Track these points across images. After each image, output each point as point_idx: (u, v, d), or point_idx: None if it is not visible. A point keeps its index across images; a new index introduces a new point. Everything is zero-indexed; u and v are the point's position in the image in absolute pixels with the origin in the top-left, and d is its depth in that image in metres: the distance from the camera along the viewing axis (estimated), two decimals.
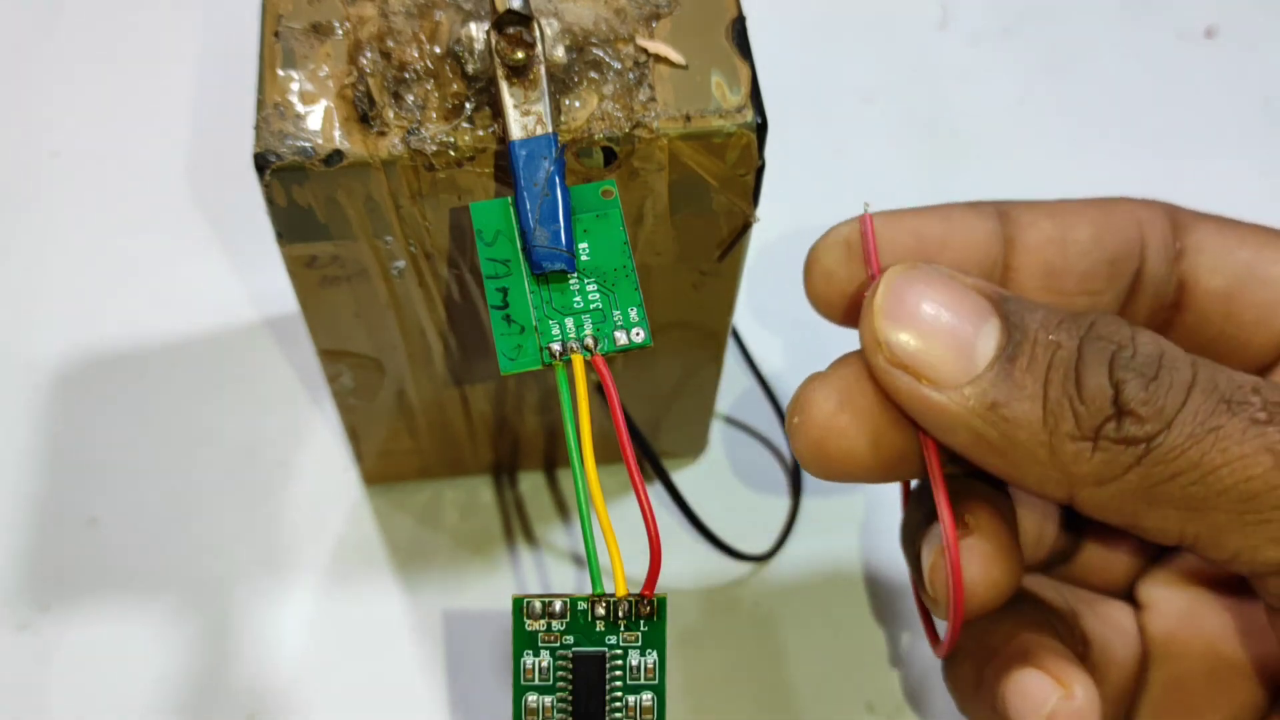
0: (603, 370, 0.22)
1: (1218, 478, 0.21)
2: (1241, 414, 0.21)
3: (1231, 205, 0.39)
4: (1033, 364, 0.22)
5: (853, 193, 0.39)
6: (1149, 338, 0.22)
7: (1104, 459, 0.21)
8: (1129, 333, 0.22)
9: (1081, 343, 0.22)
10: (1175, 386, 0.21)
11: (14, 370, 0.35)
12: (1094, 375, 0.21)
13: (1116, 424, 0.21)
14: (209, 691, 0.31)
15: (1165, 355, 0.22)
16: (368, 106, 0.22)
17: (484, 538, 0.33)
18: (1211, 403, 0.21)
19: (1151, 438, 0.21)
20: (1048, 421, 0.21)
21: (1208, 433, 0.21)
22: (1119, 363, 0.21)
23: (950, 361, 0.22)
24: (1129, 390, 0.21)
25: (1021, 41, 0.42)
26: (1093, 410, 0.21)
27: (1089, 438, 0.21)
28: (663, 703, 0.22)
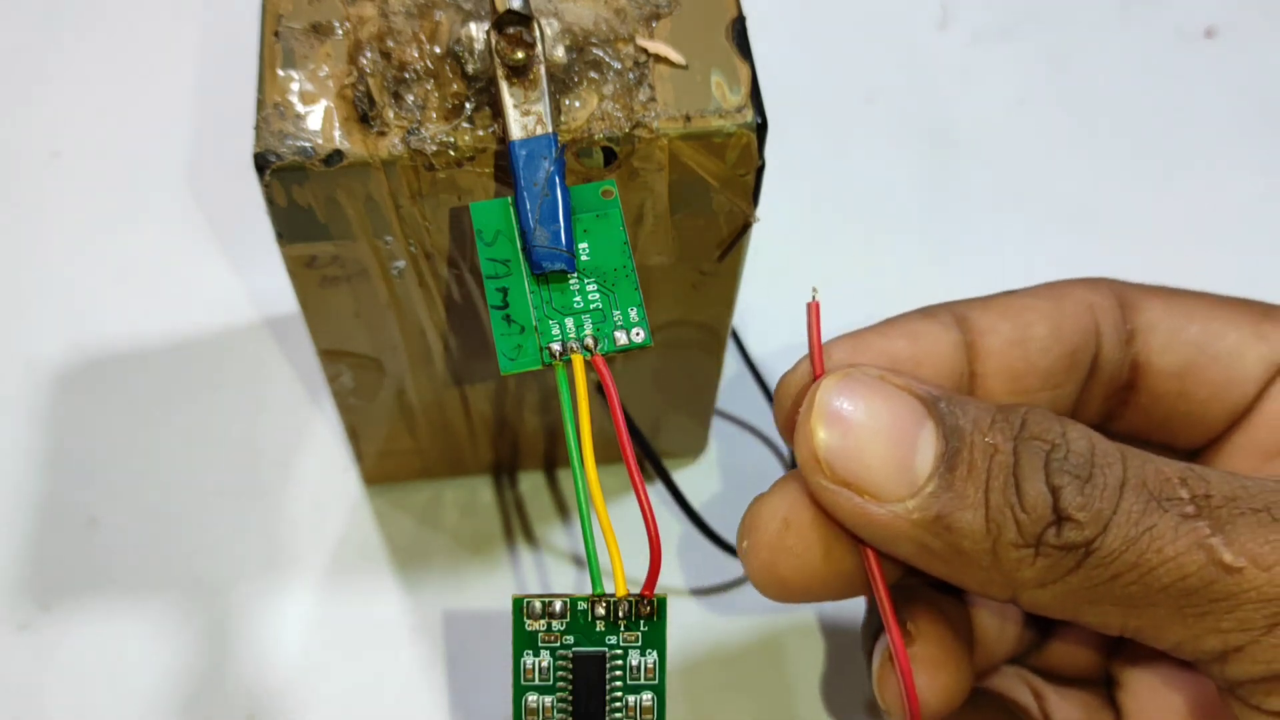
0: (603, 370, 0.22)
1: (1155, 577, 0.21)
2: (1172, 510, 0.21)
3: (1232, 205, 0.39)
4: (972, 471, 0.22)
5: (853, 193, 0.39)
6: (1078, 433, 0.22)
7: (1046, 565, 0.21)
8: (1059, 429, 0.22)
9: (1016, 445, 0.22)
10: (1109, 487, 0.21)
11: (14, 370, 0.35)
12: (1032, 481, 0.21)
13: (1056, 530, 0.21)
14: (209, 691, 0.31)
15: (1096, 451, 0.22)
16: (368, 106, 0.22)
17: (484, 538, 0.33)
18: (1143, 501, 0.21)
19: (1090, 542, 0.21)
20: (990, 530, 0.21)
21: (1142, 533, 0.21)
22: (1054, 466, 0.22)
23: (890, 476, 0.22)
24: (1066, 496, 0.21)
25: (1021, 41, 0.42)
26: (1034, 518, 0.21)
27: (1031, 545, 0.21)
28: (663, 703, 0.22)
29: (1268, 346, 0.25)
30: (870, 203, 0.39)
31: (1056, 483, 0.21)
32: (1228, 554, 0.21)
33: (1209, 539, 0.21)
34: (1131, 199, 0.39)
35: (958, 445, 0.22)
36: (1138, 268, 0.37)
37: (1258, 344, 0.25)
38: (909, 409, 0.22)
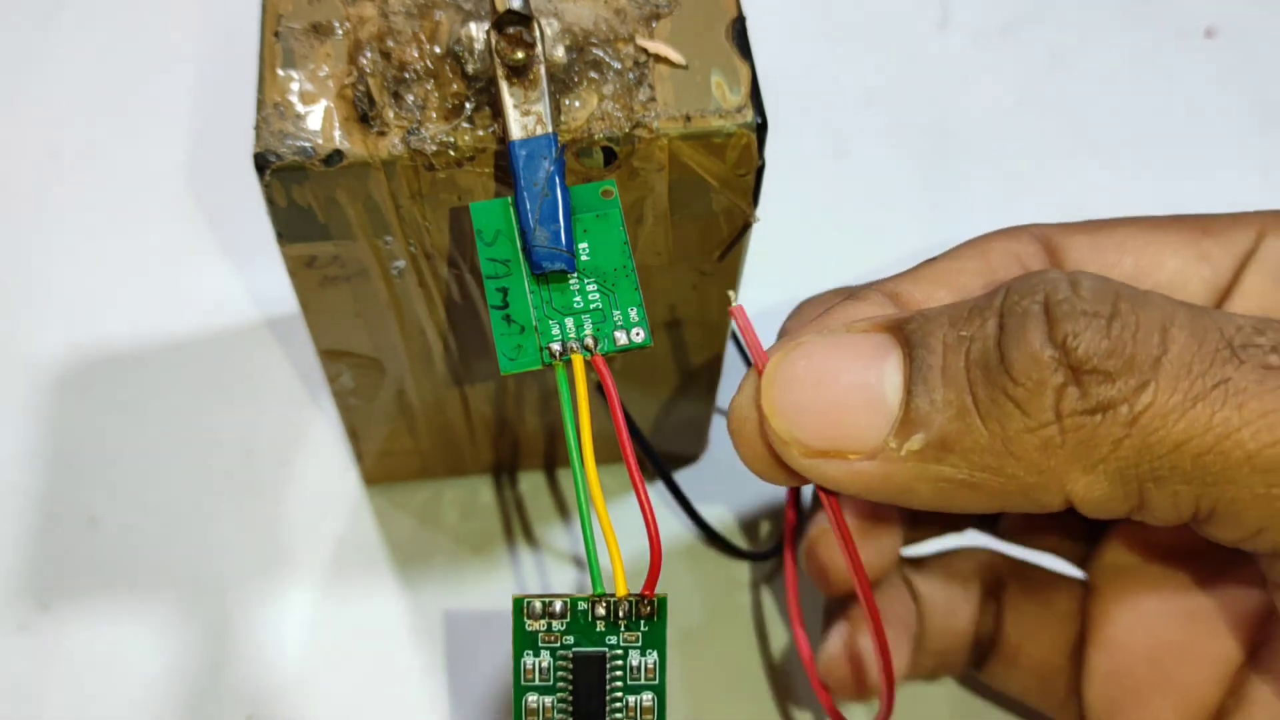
0: (603, 370, 0.22)
1: (1237, 443, 0.17)
2: (1251, 360, 0.17)
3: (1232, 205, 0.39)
4: (947, 374, 0.18)
5: (853, 193, 0.39)
6: (1094, 275, 0.18)
7: (1080, 439, 0.18)
8: (1064, 276, 0.18)
9: (1001, 317, 0.18)
10: (1144, 327, 0.17)
11: (14, 370, 0.35)
12: (1020, 344, 0.18)
13: (1080, 391, 0.17)
14: (209, 692, 0.31)
15: (1122, 290, 0.18)
16: (368, 106, 0.22)
17: (484, 538, 0.33)
18: (1208, 348, 0.17)
19: (1134, 396, 0.17)
20: (990, 427, 0.18)
21: (1213, 387, 0.17)
22: (1058, 313, 0.18)
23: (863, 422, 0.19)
24: (1084, 343, 0.17)
25: (1021, 41, 0.42)
26: (1033, 386, 0.18)
27: (1050, 421, 0.18)
28: (663, 703, 0.22)
29: (1210, 268, 0.23)
30: (870, 203, 0.39)
31: (1067, 330, 0.17)
32: None
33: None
34: (1131, 199, 0.39)
35: (924, 354, 0.19)
36: None
37: (1199, 266, 0.22)
38: (866, 344, 0.19)
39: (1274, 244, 0.22)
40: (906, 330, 0.19)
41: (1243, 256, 0.22)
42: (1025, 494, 0.18)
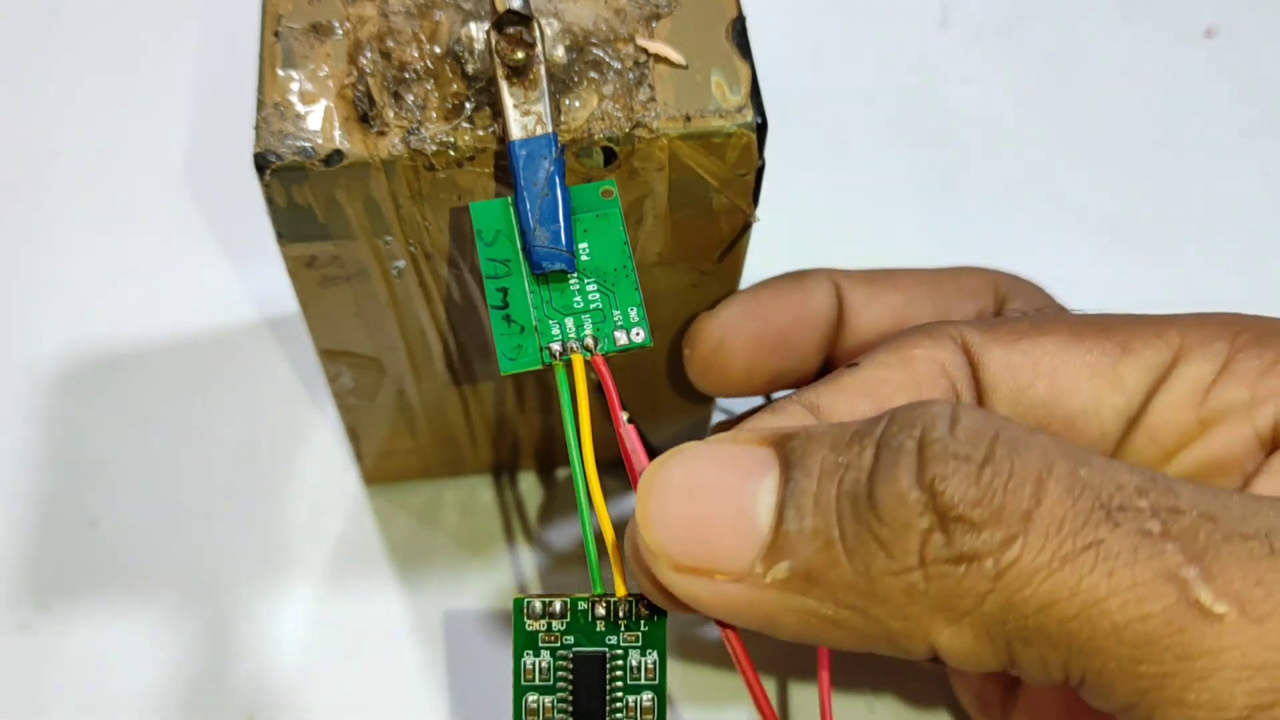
0: (603, 370, 0.22)
1: (1103, 612, 0.16)
2: (1128, 525, 0.16)
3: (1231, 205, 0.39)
4: (819, 502, 0.17)
5: (853, 193, 0.39)
6: (977, 415, 0.17)
7: (944, 589, 0.17)
8: (946, 411, 0.17)
9: (878, 449, 0.17)
10: (1017, 476, 0.16)
11: (14, 370, 0.35)
12: (888, 482, 0.17)
13: (945, 538, 0.16)
14: (209, 691, 0.31)
15: (1001, 434, 0.17)
16: (368, 106, 0.22)
17: (484, 538, 0.33)
18: (1084, 506, 0.16)
19: (1000, 550, 0.16)
20: (856, 565, 0.17)
21: (1083, 548, 0.16)
22: (930, 453, 0.17)
23: (733, 544, 0.18)
24: (951, 488, 0.16)
25: (1021, 41, 0.42)
26: (896, 527, 0.17)
27: (913, 566, 0.17)
28: (663, 703, 0.22)
29: (1124, 396, 0.22)
30: (870, 203, 0.39)
31: (935, 472, 0.16)
32: (1206, 593, 0.16)
33: (1181, 568, 0.16)
34: (1131, 199, 0.39)
35: (799, 476, 0.18)
36: (1138, 267, 0.37)
37: (1114, 394, 0.22)
38: (747, 459, 0.18)
39: (1188, 369, 0.21)
40: (787, 448, 0.18)
41: (1156, 380, 0.22)
42: (890, 639, 0.18)
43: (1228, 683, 0.15)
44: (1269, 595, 0.15)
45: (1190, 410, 0.21)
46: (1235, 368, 0.21)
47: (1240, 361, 0.21)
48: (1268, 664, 0.15)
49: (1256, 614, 0.15)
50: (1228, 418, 0.21)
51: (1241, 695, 0.15)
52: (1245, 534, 0.16)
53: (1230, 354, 0.21)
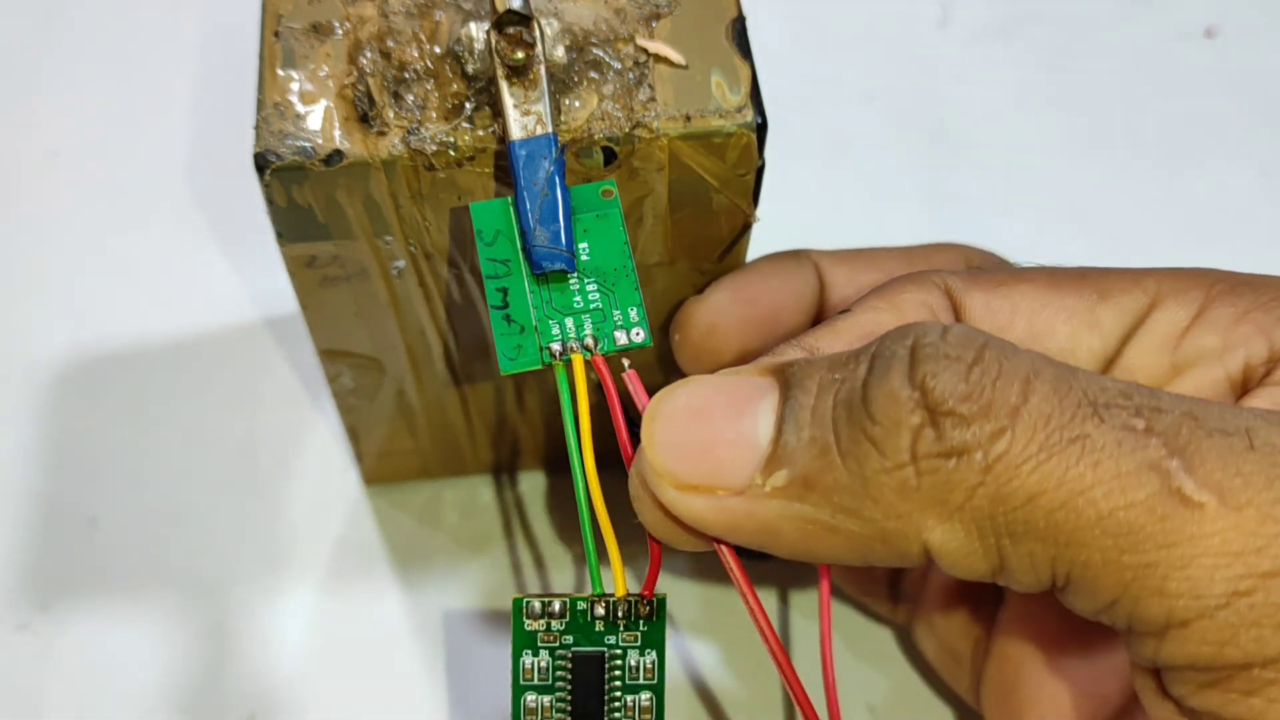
0: (603, 370, 0.22)
1: (1089, 501, 0.16)
2: (1111, 419, 0.17)
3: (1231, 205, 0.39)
4: (816, 413, 0.18)
5: (853, 193, 0.39)
6: (966, 327, 0.18)
7: (935, 483, 0.17)
8: (937, 325, 0.18)
9: (872, 360, 0.18)
10: (1006, 375, 0.17)
11: (14, 370, 0.35)
12: (883, 382, 0.18)
13: (936, 432, 0.17)
14: (209, 691, 0.31)
15: (991, 340, 0.18)
16: (368, 106, 0.22)
17: (484, 538, 0.33)
18: (1070, 404, 0.17)
19: (989, 443, 0.17)
20: (849, 466, 0.18)
21: (1070, 441, 0.17)
22: (922, 355, 0.17)
23: (733, 459, 0.19)
24: (941, 384, 0.17)
25: (1021, 41, 0.42)
26: (889, 424, 0.17)
27: (905, 462, 0.17)
28: (662, 703, 0.22)
29: (1100, 338, 0.22)
30: (870, 203, 0.39)
31: (925, 370, 0.17)
32: (1189, 482, 0.16)
33: (1164, 460, 0.16)
34: (1131, 199, 0.39)
35: (798, 393, 0.19)
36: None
37: (1091, 336, 0.22)
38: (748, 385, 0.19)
39: (1163, 314, 0.22)
40: (788, 373, 0.19)
41: (1132, 325, 0.22)
42: (885, 541, 0.18)
43: (1207, 569, 0.16)
44: (1247, 485, 0.16)
45: (1165, 354, 0.22)
46: (1209, 315, 0.22)
47: (1214, 309, 0.22)
48: (1246, 550, 0.16)
49: (1235, 503, 0.16)
50: (1200, 362, 0.21)
51: (1220, 582, 0.16)
52: (1226, 430, 0.16)
53: (1205, 302, 0.22)
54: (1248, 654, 0.16)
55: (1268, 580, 0.16)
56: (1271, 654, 0.16)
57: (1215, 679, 0.16)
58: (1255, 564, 0.16)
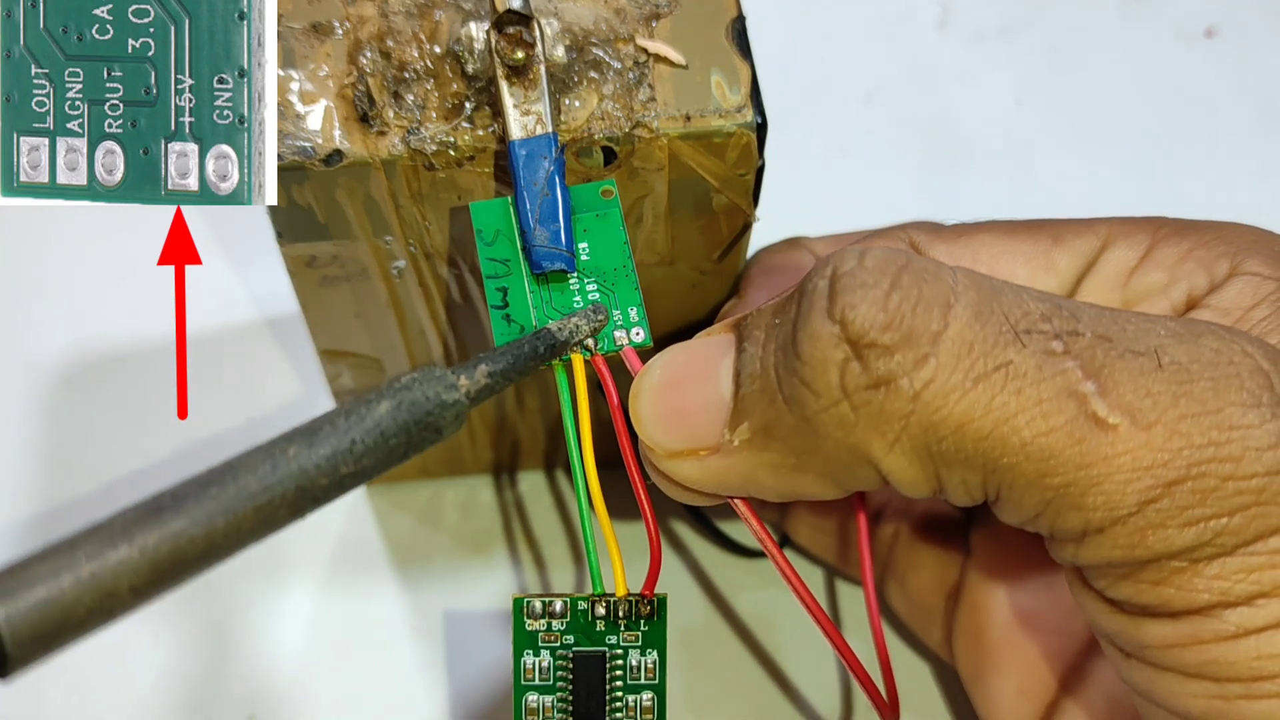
0: (603, 370, 0.22)
1: (1013, 428, 0.17)
2: (1034, 345, 0.17)
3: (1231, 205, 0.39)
4: (763, 362, 0.19)
5: (853, 193, 0.39)
6: (885, 250, 0.18)
7: (871, 414, 0.17)
8: (855, 251, 0.18)
9: (799, 297, 0.18)
10: (925, 300, 0.17)
11: (14, 370, 0.35)
12: (805, 324, 0.18)
13: (860, 365, 0.17)
14: (209, 691, 0.31)
15: (911, 264, 0.18)
16: (368, 106, 0.22)
17: (484, 538, 0.33)
18: (991, 329, 0.17)
19: (913, 370, 0.17)
20: (793, 410, 0.18)
21: (994, 369, 0.17)
22: (839, 286, 0.18)
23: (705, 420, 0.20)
24: (860, 315, 0.17)
25: (1021, 41, 0.42)
26: (816, 364, 0.18)
27: (838, 399, 0.18)
28: (663, 702, 0.22)
29: (1056, 279, 0.23)
30: (870, 202, 0.39)
31: (844, 303, 0.17)
32: (1102, 405, 0.17)
33: (1080, 384, 0.17)
34: (1131, 199, 0.39)
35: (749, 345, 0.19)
36: None
37: (1047, 277, 0.23)
38: (712, 346, 0.20)
39: (1113, 254, 0.23)
40: (741, 326, 0.20)
41: (1085, 266, 0.24)
42: (847, 472, 0.19)
43: (1120, 484, 0.17)
44: (1155, 405, 0.17)
45: (1115, 291, 0.23)
46: (1155, 255, 0.23)
47: (1160, 249, 0.23)
48: (1155, 464, 0.17)
49: (1145, 422, 0.17)
50: (1147, 297, 0.23)
51: (1132, 494, 0.17)
52: (1136, 351, 0.17)
53: (1152, 244, 0.23)
54: (1155, 551, 0.17)
55: (1173, 487, 0.17)
56: (1176, 548, 0.17)
57: (1129, 572, 0.18)
58: (1162, 475, 0.17)
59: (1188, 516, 0.17)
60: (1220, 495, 0.17)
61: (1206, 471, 0.17)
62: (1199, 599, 0.17)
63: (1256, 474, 0.17)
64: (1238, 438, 0.17)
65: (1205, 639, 0.18)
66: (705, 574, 0.33)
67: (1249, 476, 0.17)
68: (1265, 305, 0.21)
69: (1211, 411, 0.17)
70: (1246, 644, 0.17)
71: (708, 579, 0.33)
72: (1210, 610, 0.17)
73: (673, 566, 0.33)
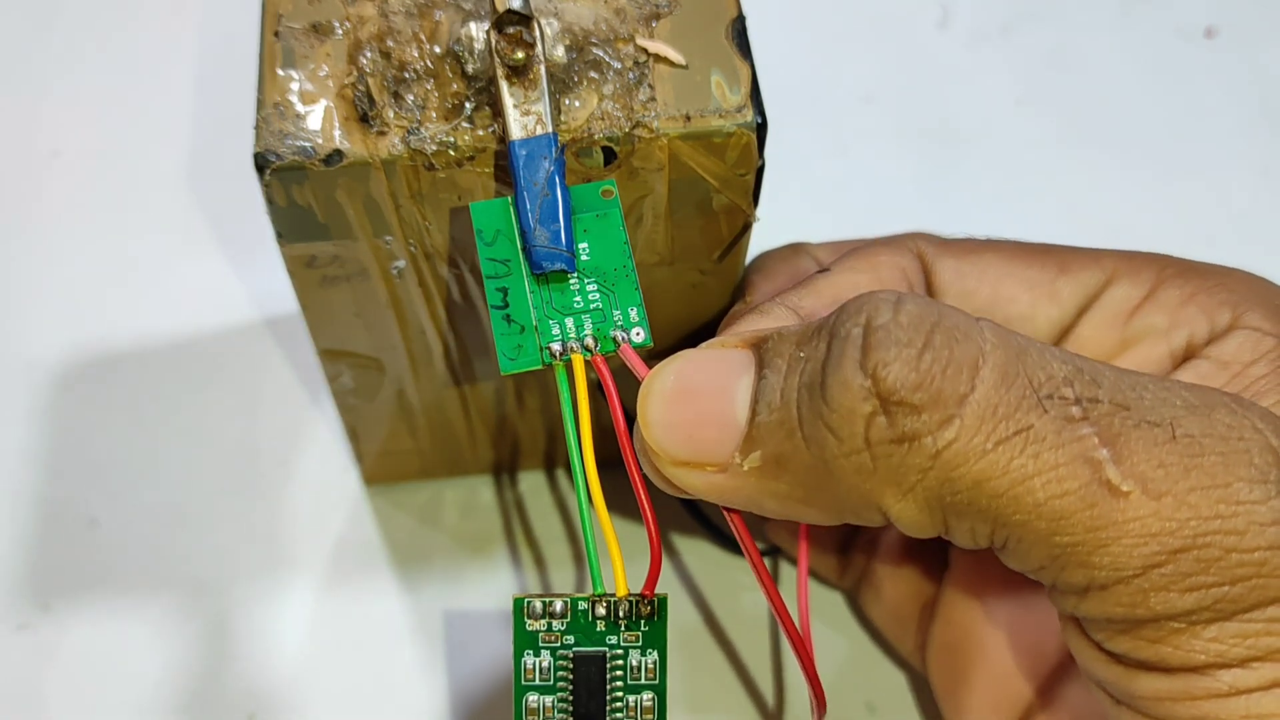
0: (603, 370, 0.22)
1: (1028, 489, 0.18)
2: (1055, 411, 0.18)
3: (1231, 205, 0.39)
4: (784, 395, 0.19)
5: (853, 193, 0.39)
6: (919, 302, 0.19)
7: (890, 467, 0.18)
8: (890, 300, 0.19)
9: (830, 339, 0.19)
10: (955, 362, 0.18)
11: (14, 370, 0.35)
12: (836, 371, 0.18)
13: (888, 420, 0.18)
14: (209, 691, 0.31)
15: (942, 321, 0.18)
16: (368, 106, 0.22)
17: (484, 538, 0.33)
18: (1016, 393, 0.18)
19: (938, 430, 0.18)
20: (812, 450, 0.19)
21: (1014, 433, 0.18)
22: (873, 340, 0.18)
23: (716, 439, 0.20)
24: (893, 374, 0.18)
25: (1021, 41, 0.42)
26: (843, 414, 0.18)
27: (860, 449, 0.18)
28: (663, 703, 0.22)
29: (1058, 309, 0.24)
30: (870, 203, 0.39)
31: (877, 359, 0.18)
32: (1115, 473, 0.18)
33: (1096, 451, 0.18)
34: (1131, 199, 0.39)
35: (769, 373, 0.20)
36: None
37: (1049, 306, 0.24)
38: (730, 361, 0.20)
39: (1117, 291, 0.24)
40: (762, 349, 0.20)
41: (1088, 299, 0.24)
42: (853, 513, 0.20)
43: (1127, 548, 0.18)
44: (1167, 476, 0.18)
45: (1115, 329, 0.24)
46: (1159, 295, 0.23)
47: (1164, 290, 0.23)
48: (1162, 532, 0.18)
49: (1156, 492, 0.18)
50: (1147, 338, 0.23)
51: (1138, 558, 0.18)
52: (1152, 421, 0.18)
53: (1156, 284, 0.24)
54: (1156, 612, 0.18)
55: (1178, 555, 0.18)
56: (1176, 611, 0.18)
57: (1128, 629, 0.18)
58: (1168, 543, 0.18)
59: (1190, 583, 0.18)
60: (1223, 565, 0.18)
61: (1211, 542, 0.18)
62: (1195, 659, 0.18)
63: (1259, 548, 0.18)
64: (1243, 512, 0.18)
65: (1198, 695, 0.18)
66: (705, 574, 0.33)
67: (1251, 550, 0.18)
68: (1264, 363, 0.22)
69: (1220, 485, 0.18)
70: (1237, 703, 0.18)
71: (708, 579, 0.33)
72: (1205, 670, 0.18)
73: (673, 566, 0.33)
